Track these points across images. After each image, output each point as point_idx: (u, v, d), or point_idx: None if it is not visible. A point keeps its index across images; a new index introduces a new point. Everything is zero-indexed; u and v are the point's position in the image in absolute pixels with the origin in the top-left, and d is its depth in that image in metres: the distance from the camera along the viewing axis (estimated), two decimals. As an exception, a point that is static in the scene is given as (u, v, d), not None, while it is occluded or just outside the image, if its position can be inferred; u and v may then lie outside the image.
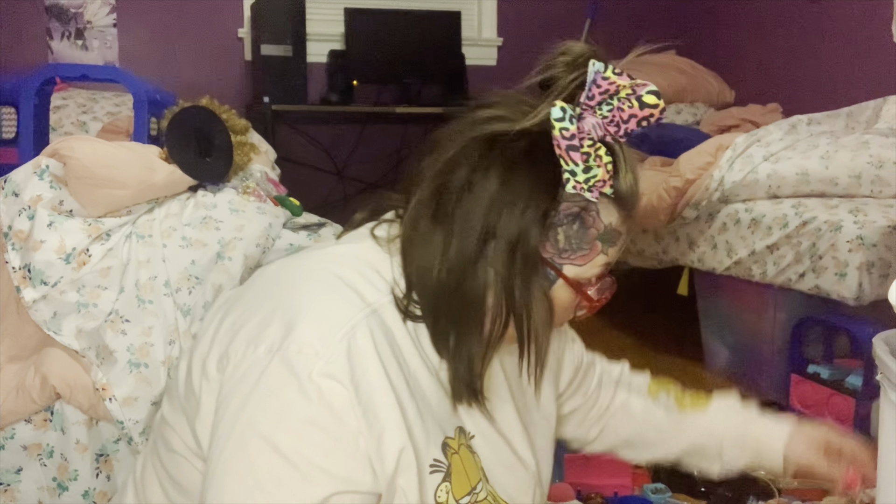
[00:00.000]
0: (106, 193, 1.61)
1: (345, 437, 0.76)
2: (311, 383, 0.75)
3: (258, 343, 0.80)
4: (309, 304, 0.80)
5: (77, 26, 3.43)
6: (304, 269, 0.87)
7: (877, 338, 1.05)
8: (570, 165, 0.79)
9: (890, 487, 1.01)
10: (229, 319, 0.86)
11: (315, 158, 3.74)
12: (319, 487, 0.75)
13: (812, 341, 2.15)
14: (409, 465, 0.79)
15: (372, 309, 0.81)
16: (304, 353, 0.77)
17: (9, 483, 1.50)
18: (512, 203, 0.80)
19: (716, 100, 3.83)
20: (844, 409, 1.96)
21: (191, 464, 0.88)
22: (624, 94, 0.80)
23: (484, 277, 0.81)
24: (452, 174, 0.82)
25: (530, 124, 0.82)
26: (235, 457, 0.77)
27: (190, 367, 0.88)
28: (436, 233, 0.82)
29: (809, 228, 2.20)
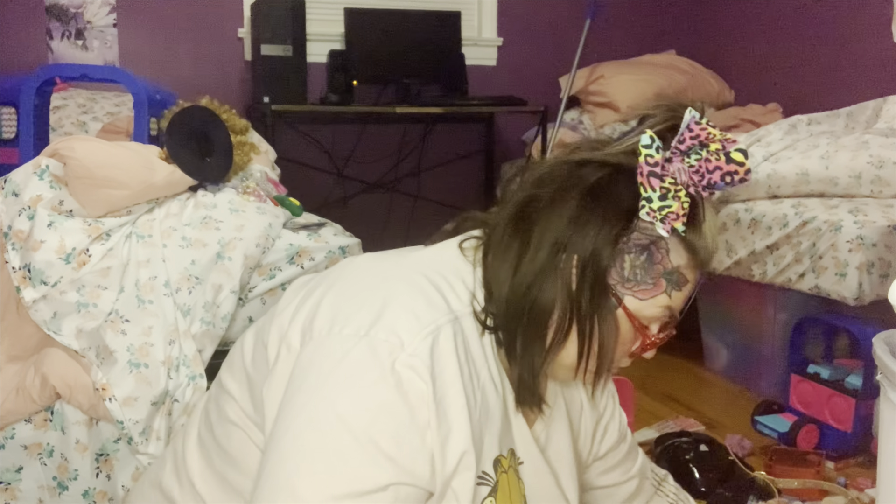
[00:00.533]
0: (106, 193, 1.62)
1: (414, 430, 0.78)
2: (393, 371, 0.78)
3: (345, 324, 0.82)
4: (400, 299, 0.84)
5: (77, 26, 3.43)
6: (395, 267, 0.91)
7: (877, 338, 1.05)
8: (648, 192, 0.83)
9: (890, 487, 1.01)
10: (314, 297, 0.88)
11: (315, 158, 3.74)
12: (382, 473, 0.77)
13: (812, 341, 2.15)
14: (468, 468, 0.81)
15: (455, 315, 0.84)
16: (390, 342, 0.79)
17: (9, 482, 1.50)
18: (587, 222, 0.84)
19: (716, 100, 3.83)
20: (844, 409, 1.96)
21: (246, 434, 0.90)
22: (713, 147, 0.84)
23: (553, 288, 0.85)
24: (538, 191, 0.87)
25: (618, 152, 0.87)
26: (307, 428, 0.79)
27: (265, 336, 0.90)
28: (514, 243, 0.87)
29: (809, 228, 2.20)
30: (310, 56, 3.37)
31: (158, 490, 0.99)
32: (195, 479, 0.95)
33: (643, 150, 0.83)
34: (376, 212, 3.84)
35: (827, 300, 2.18)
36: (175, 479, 0.97)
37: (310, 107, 3.40)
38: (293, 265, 1.74)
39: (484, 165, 3.99)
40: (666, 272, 0.87)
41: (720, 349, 2.66)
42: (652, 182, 0.83)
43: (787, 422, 2.02)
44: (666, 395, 2.41)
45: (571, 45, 3.56)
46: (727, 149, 0.84)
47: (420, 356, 0.79)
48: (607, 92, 3.63)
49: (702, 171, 0.85)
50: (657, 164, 0.83)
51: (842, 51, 3.36)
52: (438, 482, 0.81)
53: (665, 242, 0.86)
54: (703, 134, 0.85)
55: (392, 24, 3.67)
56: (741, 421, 2.15)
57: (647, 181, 0.83)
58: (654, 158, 0.83)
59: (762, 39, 3.79)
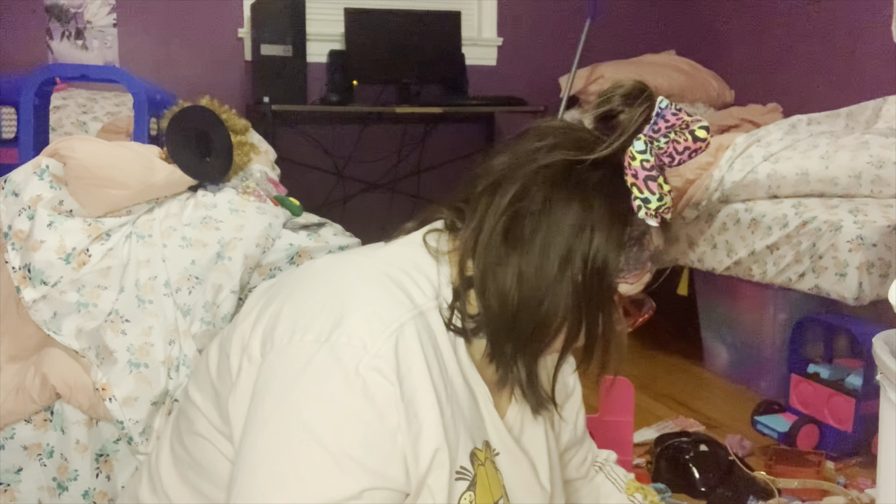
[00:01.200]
0: (106, 193, 1.61)
1: (384, 433, 0.77)
2: (357, 376, 0.77)
3: (305, 331, 0.81)
4: (360, 300, 0.82)
5: (77, 26, 3.43)
6: (355, 266, 0.89)
7: (877, 338, 1.05)
8: (646, 193, 0.85)
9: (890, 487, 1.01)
10: (274, 305, 0.86)
11: (315, 158, 3.74)
12: (354, 480, 0.76)
13: (812, 341, 2.15)
14: (441, 465, 0.81)
15: (419, 311, 0.83)
16: (352, 346, 0.78)
17: (9, 483, 1.50)
18: (594, 229, 0.84)
19: (716, 100, 3.83)
20: (844, 409, 1.96)
21: (215, 446, 0.89)
22: (678, 129, 0.85)
23: (562, 296, 0.85)
24: (527, 200, 0.85)
25: (604, 155, 0.86)
26: (273, 441, 0.78)
27: (227, 347, 0.89)
28: (511, 256, 0.85)
29: (809, 228, 2.20)
30: (310, 56, 3.37)
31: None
32: (170, 491, 0.94)
33: (639, 156, 0.84)
34: (376, 212, 3.84)
35: (827, 300, 2.18)
36: (151, 493, 0.97)
37: (310, 107, 3.40)
38: (293, 265, 1.74)
39: (484, 165, 3.99)
40: (651, 255, 0.90)
41: (720, 349, 2.66)
42: (650, 186, 0.85)
43: (787, 422, 2.02)
44: (666, 395, 2.41)
45: (571, 45, 3.56)
46: (691, 127, 0.86)
47: (384, 357, 0.78)
48: (607, 92, 3.63)
49: (670, 153, 0.86)
50: (652, 168, 0.85)
51: (842, 51, 3.36)
52: (413, 482, 0.80)
53: (652, 229, 0.89)
54: (678, 123, 0.85)
55: (392, 24, 3.67)
56: (741, 421, 2.15)
57: (643, 184, 0.85)
58: (649, 162, 0.84)
59: (762, 39, 3.79)
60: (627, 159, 0.85)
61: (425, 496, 0.81)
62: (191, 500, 0.91)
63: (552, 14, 3.99)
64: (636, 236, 0.87)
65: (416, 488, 0.80)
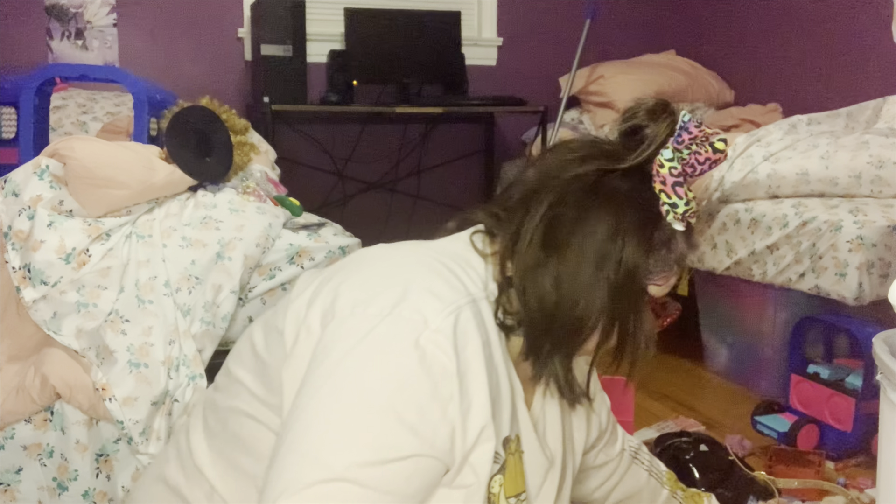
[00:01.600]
0: (106, 193, 1.62)
1: (437, 403, 0.81)
2: (417, 346, 0.81)
3: (367, 305, 0.85)
4: (420, 282, 0.87)
5: (77, 26, 3.43)
6: (411, 254, 0.94)
7: (877, 338, 1.05)
8: (674, 199, 0.92)
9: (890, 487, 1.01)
10: (332, 284, 0.90)
11: (315, 158, 3.74)
12: (404, 443, 0.79)
13: (812, 341, 2.15)
14: (487, 440, 0.84)
15: (472, 298, 0.88)
16: (413, 320, 0.82)
17: (9, 483, 1.50)
18: (626, 234, 0.90)
19: (716, 100, 3.82)
20: (844, 409, 1.96)
21: (258, 420, 0.91)
22: (699, 141, 0.92)
23: (597, 298, 0.90)
24: (562, 207, 0.91)
25: (631, 165, 0.92)
26: (331, 398, 0.81)
27: (279, 323, 0.91)
28: (549, 260, 0.90)
29: (809, 228, 2.20)
30: (310, 56, 3.37)
31: (163, 484, 1.00)
32: (204, 468, 0.96)
33: (667, 164, 0.91)
34: (376, 212, 3.84)
35: (827, 300, 2.18)
36: (181, 472, 0.98)
37: (310, 107, 3.39)
38: (293, 265, 1.74)
39: (484, 165, 3.99)
40: (678, 258, 0.95)
41: (720, 349, 2.66)
42: (678, 191, 0.91)
43: (787, 422, 2.02)
44: (666, 395, 2.41)
45: (571, 45, 3.56)
46: (711, 139, 0.92)
47: (443, 332, 0.82)
48: (607, 92, 3.63)
49: (692, 163, 0.92)
50: (680, 175, 0.91)
51: (842, 51, 3.36)
52: (458, 456, 0.83)
53: (678, 233, 0.94)
54: (699, 134, 0.91)
55: (392, 24, 3.67)
56: (741, 421, 2.15)
57: (671, 190, 0.91)
58: (677, 170, 0.91)
59: (762, 39, 3.79)
60: (656, 167, 0.92)
61: (466, 474, 0.84)
62: (227, 475, 0.94)
63: (552, 14, 3.99)
64: (664, 240, 0.93)
65: (458, 464, 0.84)
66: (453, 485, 0.85)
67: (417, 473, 0.80)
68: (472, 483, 0.85)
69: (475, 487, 0.85)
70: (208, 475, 0.95)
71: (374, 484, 0.78)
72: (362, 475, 0.77)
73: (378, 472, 0.78)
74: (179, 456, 1.00)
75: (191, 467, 0.97)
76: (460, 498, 0.85)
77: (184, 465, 0.99)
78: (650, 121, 0.93)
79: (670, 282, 0.96)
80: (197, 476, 0.96)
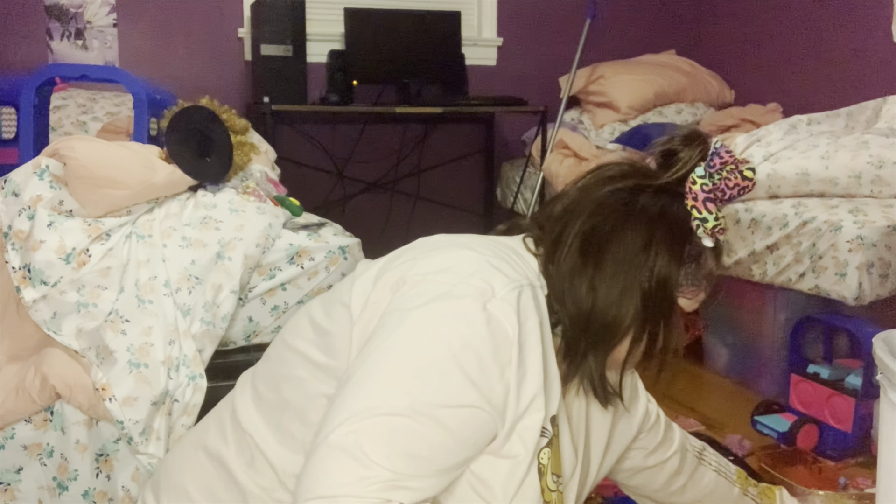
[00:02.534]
0: (106, 193, 1.61)
1: (496, 364, 0.86)
2: (484, 310, 0.87)
3: (439, 273, 0.92)
4: (488, 261, 0.93)
5: (77, 26, 3.43)
6: (473, 241, 1.00)
7: (877, 338, 1.05)
8: (704, 214, 0.97)
9: (890, 487, 1.01)
10: (400, 261, 0.97)
11: (315, 158, 3.74)
12: (464, 393, 0.85)
13: (812, 341, 2.15)
14: (538, 409, 0.90)
15: (531, 283, 0.94)
16: (482, 287, 0.89)
17: (9, 482, 1.50)
18: (659, 246, 0.96)
19: (716, 100, 3.83)
20: (844, 409, 1.96)
21: (314, 386, 0.96)
22: (729, 168, 0.98)
23: (630, 305, 0.96)
24: (600, 218, 0.98)
25: (669, 180, 0.99)
26: (400, 345, 0.87)
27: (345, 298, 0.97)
28: (586, 268, 0.97)
29: (809, 228, 2.20)
30: (310, 56, 3.37)
31: (203, 452, 1.04)
32: (254, 433, 0.99)
33: (699, 180, 0.97)
34: (376, 212, 3.84)
35: (827, 300, 2.18)
36: (223, 440, 1.02)
37: (310, 107, 3.39)
38: (293, 265, 1.74)
39: (484, 165, 3.99)
40: (707, 274, 1.02)
41: (720, 349, 2.66)
42: (708, 206, 0.97)
43: (787, 422, 2.02)
44: (666, 395, 2.41)
45: (571, 45, 3.56)
46: (740, 168, 0.98)
47: (509, 301, 0.88)
48: (607, 92, 3.63)
49: (722, 188, 0.98)
50: (711, 191, 0.97)
51: (841, 51, 3.36)
52: (508, 419, 0.88)
53: (707, 250, 1.00)
54: (729, 159, 0.98)
55: (392, 24, 3.67)
56: (741, 421, 2.15)
57: (702, 205, 0.97)
58: (708, 186, 0.97)
59: (762, 39, 3.79)
60: (689, 185, 0.98)
61: (515, 442, 0.89)
62: (274, 440, 0.98)
63: (552, 14, 3.99)
64: (694, 255, 1.00)
65: (508, 429, 0.88)
66: (501, 453, 0.89)
67: (472, 423, 0.85)
68: (520, 454, 0.89)
69: (521, 458, 0.89)
70: (257, 439, 0.99)
71: (434, 421, 0.83)
72: (424, 412, 0.83)
73: (438, 412, 0.83)
74: (221, 425, 1.05)
75: (236, 434, 1.01)
76: (507, 468, 0.89)
77: (226, 433, 1.03)
78: (684, 146, 1.00)
79: (699, 297, 1.03)
80: (242, 442, 1.00)
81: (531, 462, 0.90)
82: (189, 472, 1.05)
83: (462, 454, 0.86)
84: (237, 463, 0.99)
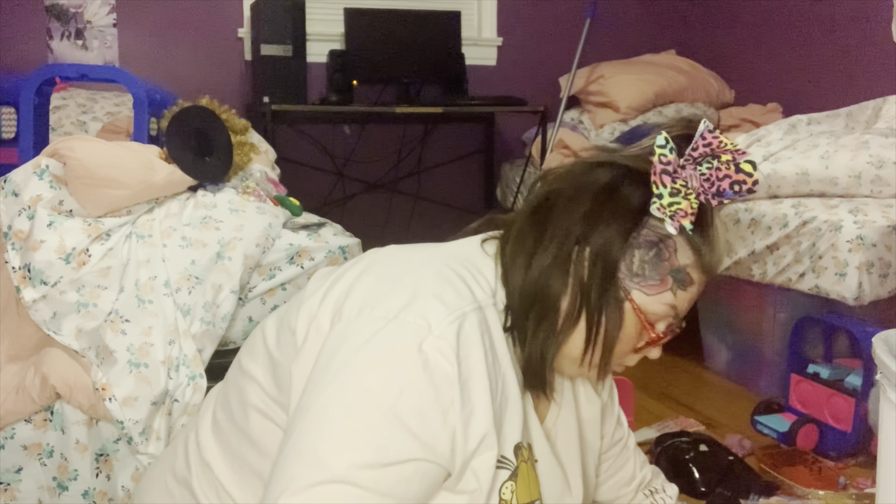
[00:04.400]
0: (106, 193, 1.61)
1: (438, 408, 0.81)
2: (420, 352, 0.81)
3: (374, 307, 0.86)
4: (428, 287, 0.87)
5: (77, 26, 3.43)
6: (421, 257, 0.95)
7: (877, 338, 1.05)
8: (660, 188, 0.88)
9: (890, 487, 1.01)
10: (342, 283, 0.91)
11: (315, 158, 3.74)
12: (404, 447, 0.80)
13: (812, 341, 2.15)
14: (489, 447, 0.84)
15: (479, 305, 0.88)
16: (418, 324, 0.83)
17: (9, 482, 1.50)
18: (599, 217, 0.89)
19: (716, 100, 3.82)
20: (844, 409, 1.96)
21: (267, 416, 0.92)
22: (725, 158, 0.90)
23: (564, 278, 0.90)
24: (555, 187, 0.93)
25: (631, 154, 0.93)
26: (333, 399, 0.81)
27: (292, 321, 0.93)
28: (530, 235, 0.92)
29: (809, 228, 2.20)
30: (310, 56, 3.37)
31: (172, 478, 1.02)
32: (212, 462, 0.96)
33: (658, 150, 0.88)
34: (376, 212, 3.84)
35: (827, 300, 2.18)
36: (189, 467, 0.99)
37: (310, 107, 3.40)
38: (293, 265, 1.74)
39: (484, 165, 3.99)
40: (673, 269, 0.91)
41: (720, 349, 2.66)
42: (664, 179, 0.88)
43: (787, 422, 2.02)
44: (666, 395, 2.41)
45: (571, 45, 3.56)
46: (737, 160, 0.89)
47: (447, 339, 0.82)
48: (607, 92, 3.63)
49: (712, 179, 0.90)
50: (670, 164, 0.88)
51: (842, 51, 3.36)
52: (458, 461, 0.83)
53: (673, 241, 0.90)
54: (714, 143, 0.89)
55: (392, 24, 3.67)
56: (741, 421, 2.15)
57: (659, 178, 0.88)
58: (667, 158, 0.88)
59: (762, 39, 3.79)
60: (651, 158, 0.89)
61: (468, 479, 0.84)
62: (232, 471, 0.95)
63: (552, 14, 3.99)
64: (653, 240, 0.90)
65: (459, 469, 0.84)
66: (456, 489, 0.85)
67: (417, 477, 0.80)
68: (475, 489, 0.84)
69: (478, 493, 0.85)
70: (216, 470, 0.96)
71: (373, 486, 0.78)
72: (362, 477, 0.78)
73: (378, 474, 0.78)
74: (187, 451, 1.01)
75: (199, 462, 0.98)
76: (464, 501, 0.85)
77: (192, 460, 1.00)
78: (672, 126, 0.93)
79: (662, 295, 0.91)
80: (205, 471, 0.97)
81: (488, 497, 0.85)
82: (159, 498, 1.03)
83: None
84: (202, 492, 0.97)
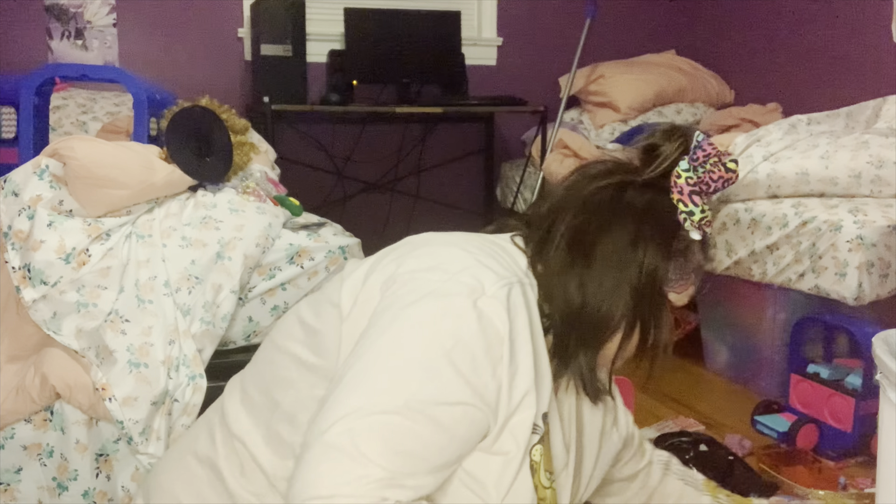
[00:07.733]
0: (106, 193, 1.62)
1: (488, 361, 0.87)
2: (475, 308, 0.88)
3: (429, 271, 0.92)
4: (477, 258, 0.94)
5: (77, 26, 3.43)
6: (464, 237, 1.01)
7: (877, 338, 1.05)
8: (690, 207, 0.98)
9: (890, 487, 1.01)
10: (389, 259, 0.97)
11: (315, 158, 3.74)
12: (457, 390, 0.85)
13: (812, 341, 2.15)
14: (529, 406, 0.90)
15: (521, 280, 0.95)
16: (472, 284, 0.89)
17: (9, 483, 1.50)
18: (647, 241, 0.97)
19: (716, 100, 3.83)
20: (844, 409, 1.96)
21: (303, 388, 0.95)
22: (713, 161, 0.99)
23: (620, 301, 0.97)
24: (587, 216, 0.99)
25: (649, 177, 1.00)
26: (392, 343, 0.87)
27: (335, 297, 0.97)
28: (575, 265, 0.97)
29: (809, 228, 2.20)
30: (310, 56, 3.37)
31: (193, 458, 1.04)
32: (244, 436, 0.99)
33: (683, 174, 0.98)
34: (376, 212, 3.84)
35: (827, 300, 2.18)
36: (213, 446, 1.02)
37: (310, 107, 3.39)
38: (293, 265, 1.74)
39: (484, 165, 3.99)
40: (695, 268, 1.02)
41: (720, 349, 2.66)
42: (694, 199, 0.98)
43: (787, 422, 2.02)
44: (666, 395, 2.41)
45: (571, 45, 3.56)
46: (723, 160, 0.99)
47: (499, 299, 0.89)
48: (607, 92, 3.63)
49: (706, 181, 0.99)
50: (696, 184, 0.98)
51: (842, 51, 3.36)
52: (501, 416, 0.88)
53: (694, 243, 1.01)
54: (712, 151, 0.98)
55: (392, 24, 3.67)
56: (741, 421, 2.15)
57: (688, 199, 0.98)
58: (693, 179, 0.98)
59: (762, 39, 3.79)
60: (673, 178, 0.98)
61: (505, 439, 0.89)
62: (264, 443, 0.97)
63: (552, 14, 3.99)
64: (682, 249, 1.00)
65: (500, 425, 0.88)
66: (492, 450, 0.89)
67: (466, 421, 0.85)
68: (511, 450, 0.89)
69: (513, 455, 0.89)
70: (247, 443, 0.98)
71: (427, 420, 0.83)
72: (418, 410, 0.83)
73: (432, 411, 0.83)
74: (211, 431, 1.04)
75: (225, 439, 1.01)
76: (498, 464, 0.89)
77: (216, 438, 1.02)
78: (665, 140, 1.01)
79: (688, 291, 1.03)
80: (232, 447, 0.99)
81: (523, 459, 0.90)
82: (179, 478, 1.04)
83: (456, 451, 0.86)
84: (228, 469, 0.99)
